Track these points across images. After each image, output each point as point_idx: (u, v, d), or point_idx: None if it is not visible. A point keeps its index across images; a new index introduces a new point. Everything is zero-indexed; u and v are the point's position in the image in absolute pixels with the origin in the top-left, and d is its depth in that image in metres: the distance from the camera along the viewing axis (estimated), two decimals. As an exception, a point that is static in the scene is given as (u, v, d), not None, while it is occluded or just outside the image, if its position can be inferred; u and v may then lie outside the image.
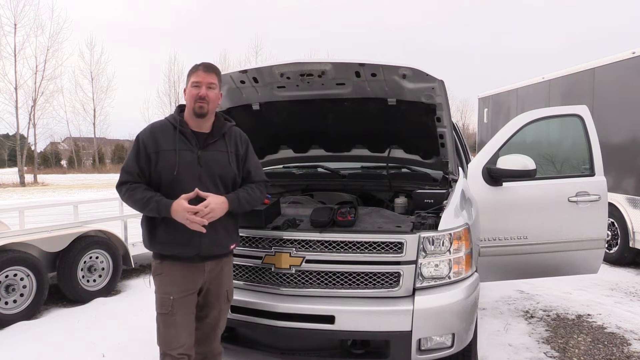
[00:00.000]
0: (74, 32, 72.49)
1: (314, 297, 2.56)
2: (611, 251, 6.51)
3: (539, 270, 3.81)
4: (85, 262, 4.84)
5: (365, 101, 3.28)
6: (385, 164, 3.71)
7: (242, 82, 3.22)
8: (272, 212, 2.83)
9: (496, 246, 3.62)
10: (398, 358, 2.45)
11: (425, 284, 2.52)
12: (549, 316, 4.40)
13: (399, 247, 2.50)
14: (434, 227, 2.59)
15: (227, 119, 2.42)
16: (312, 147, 4.03)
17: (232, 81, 3.21)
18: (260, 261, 2.67)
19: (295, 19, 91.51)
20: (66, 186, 23.11)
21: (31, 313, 4.30)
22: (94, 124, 36.65)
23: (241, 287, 2.72)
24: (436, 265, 2.53)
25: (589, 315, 4.43)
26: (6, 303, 4.16)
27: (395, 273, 2.50)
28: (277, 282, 2.63)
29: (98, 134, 38.62)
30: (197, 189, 2.16)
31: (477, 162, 3.65)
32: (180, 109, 2.34)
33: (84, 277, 4.83)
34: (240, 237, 2.54)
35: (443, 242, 2.53)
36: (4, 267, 4.12)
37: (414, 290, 2.50)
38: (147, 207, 2.16)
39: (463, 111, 49.63)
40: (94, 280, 4.93)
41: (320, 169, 3.94)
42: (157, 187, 2.23)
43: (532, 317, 4.38)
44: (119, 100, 73.41)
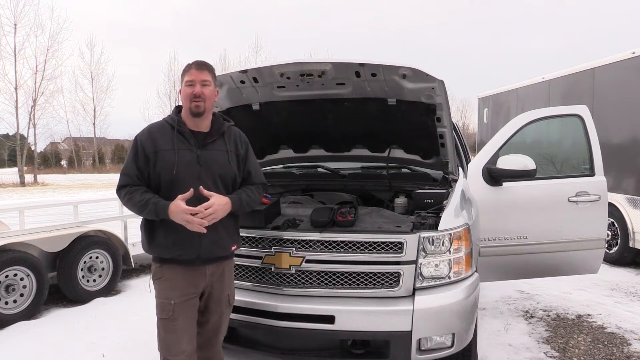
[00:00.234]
0: (74, 32, 72.63)
1: (314, 297, 2.56)
2: (611, 251, 6.51)
3: (539, 270, 3.81)
4: (85, 262, 4.84)
5: (365, 101, 3.28)
6: (385, 164, 3.71)
7: (242, 82, 3.21)
8: (272, 212, 2.83)
9: (496, 246, 3.62)
10: (398, 358, 2.45)
11: (425, 284, 2.52)
12: (549, 316, 4.40)
13: (399, 247, 2.50)
14: (434, 227, 2.59)
15: (225, 119, 2.40)
16: (312, 147, 4.03)
17: (232, 81, 3.21)
18: (260, 261, 2.67)
19: (295, 19, 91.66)
20: (66, 186, 23.11)
21: (31, 313, 4.30)
22: (94, 124, 36.75)
23: (241, 287, 2.72)
24: (436, 265, 2.53)
25: (589, 315, 4.43)
26: (6, 303, 4.16)
27: (395, 273, 2.50)
28: (277, 282, 2.63)
29: (98, 134, 38.72)
30: (192, 189, 2.10)
31: (477, 162, 3.65)
32: (178, 109, 2.32)
33: (84, 277, 4.83)
34: (241, 237, 2.52)
35: (443, 242, 2.53)
36: (4, 267, 4.13)
37: (414, 290, 2.50)
38: (145, 210, 2.13)
39: (463, 111, 49.70)
40: (94, 280, 4.94)
41: (320, 169, 3.94)
42: (157, 188, 2.20)
43: (532, 317, 4.38)
44: (119, 100, 73.58)
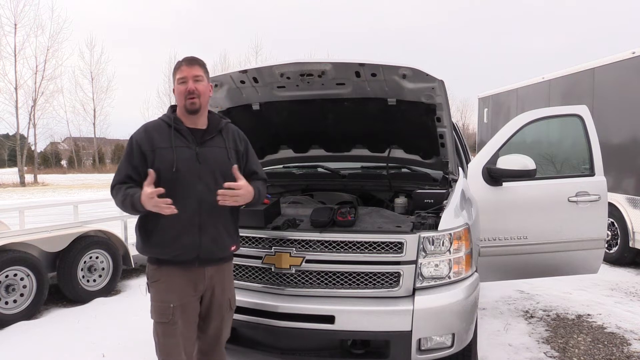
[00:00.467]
0: (74, 32, 72.59)
1: (314, 297, 2.56)
2: (611, 251, 6.51)
3: (539, 270, 3.81)
4: (85, 262, 4.84)
5: (365, 101, 3.28)
6: (385, 164, 3.71)
7: (242, 82, 3.21)
8: (272, 212, 2.82)
9: (496, 246, 3.62)
10: (398, 358, 2.45)
11: (425, 284, 2.52)
12: (549, 316, 4.40)
13: (399, 247, 2.50)
14: (434, 227, 2.59)
15: (222, 117, 2.37)
16: (312, 147, 4.03)
17: (232, 81, 3.21)
18: (260, 261, 2.67)
19: (295, 19, 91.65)
20: (66, 186, 23.12)
21: (31, 313, 4.30)
22: (94, 124, 36.77)
23: (241, 287, 2.72)
24: (436, 265, 2.53)
25: (589, 315, 4.43)
26: (6, 303, 4.16)
27: (395, 273, 2.50)
28: (277, 282, 2.63)
29: (98, 134, 38.71)
30: (151, 170, 2.03)
31: (477, 162, 3.65)
32: (173, 109, 2.26)
33: (84, 277, 4.83)
34: (240, 237, 2.51)
35: (443, 242, 2.53)
36: (4, 267, 4.13)
37: (414, 290, 2.50)
38: (126, 205, 2.05)
39: (463, 111, 49.72)
40: (94, 280, 4.94)
41: (320, 169, 3.93)
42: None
43: (532, 317, 4.38)
44: (119, 100, 73.53)
